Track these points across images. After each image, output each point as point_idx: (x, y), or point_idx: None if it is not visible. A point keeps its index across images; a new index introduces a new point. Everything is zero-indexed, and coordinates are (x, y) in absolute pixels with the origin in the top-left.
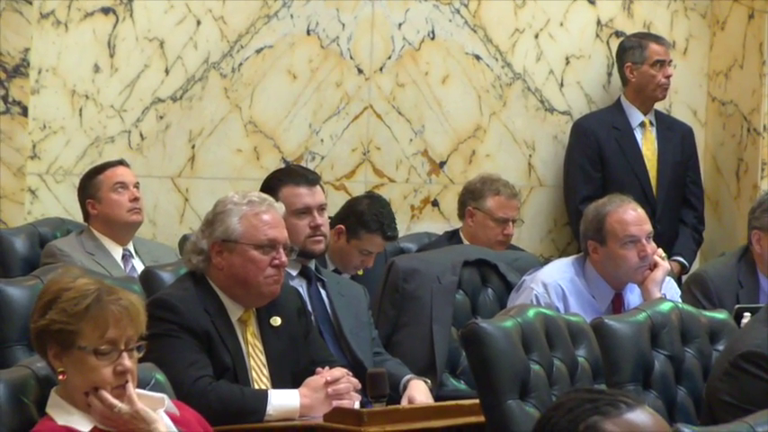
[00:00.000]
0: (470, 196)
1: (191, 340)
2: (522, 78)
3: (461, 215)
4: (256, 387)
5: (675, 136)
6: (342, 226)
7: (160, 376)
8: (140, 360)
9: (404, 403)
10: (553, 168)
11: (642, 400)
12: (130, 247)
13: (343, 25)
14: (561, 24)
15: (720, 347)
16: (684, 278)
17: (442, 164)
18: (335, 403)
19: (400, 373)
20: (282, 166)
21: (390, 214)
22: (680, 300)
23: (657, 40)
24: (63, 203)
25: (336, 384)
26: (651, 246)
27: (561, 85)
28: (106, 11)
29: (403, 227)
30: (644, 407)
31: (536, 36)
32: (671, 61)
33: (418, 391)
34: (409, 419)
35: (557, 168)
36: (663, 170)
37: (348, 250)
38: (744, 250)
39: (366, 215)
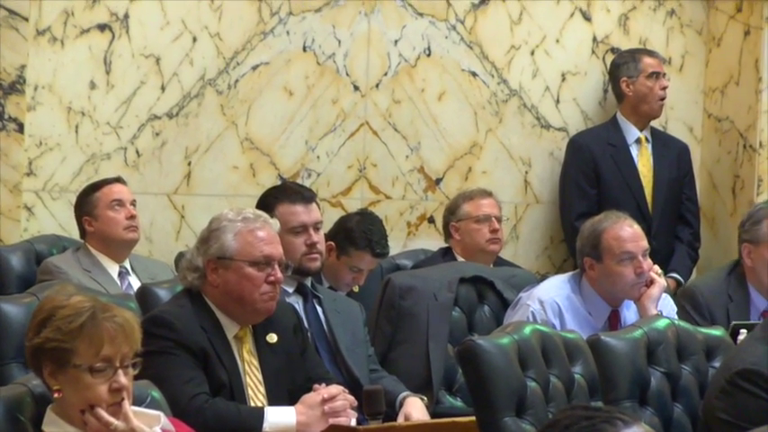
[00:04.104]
0: (449, 214)
1: (187, 357)
2: (518, 95)
3: (448, 236)
4: (252, 404)
5: (671, 152)
6: (332, 243)
7: (156, 393)
8: (136, 377)
9: (400, 420)
10: (549, 185)
11: (638, 417)
12: (127, 264)
13: (339, 42)
14: (557, 41)
15: (717, 364)
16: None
17: (439, 180)
18: (332, 420)
19: (396, 390)
20: (278, 182)
21: (380, 231)
22: (676, 316)
23: (650, 53)
24: (59, 220)
25: (333, 401)
26: (647, 262)
27: (557, 101)
28: (102, 28)
29: (399, 244)
30: (640, 424)
31: (532, 53)
32: (665, 73)
33: (414, 409)
34: None
35: (553, 185)
36: (658, 187)
37: (339, 267)
38: (734, 264)
39: (355, 232)
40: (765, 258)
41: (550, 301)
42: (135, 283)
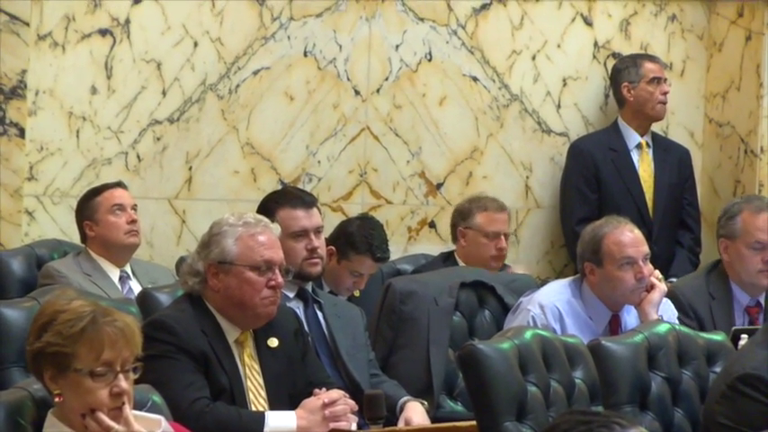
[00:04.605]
0: (460, 217)
1: (188, 362)
2: (520, 100)
3: (454, 238)
4: (253, 408)
5: (672, 158)
6: (332, 247)
7: (157, 398)
8: (137, 381)
9: (401, 425)
10: (550, 190)
11: (636, 421)
12: (128, 268)
13: (341, 47)
14: (558, 46)
15: (717, 369)
16: None
17: (439, 185)
18: (332, 425)
19: (397, 394)
20: (279, 187)
21: (381, 236)
22: (677, 321)
23: (651, 58)
24: (60, 225)
25: (333, 406)
26: (648, 267)
27: (558, 106)
28: (103, 33)
29: (400, 248)
30: (638, 428)
31: (533, 58)
32: (666, 79)
33: (415, 413)
34: None
35: (554, 190)
36: (659, 192)
37: (339, 271)
38: (715, 264)
39: (356, 236)
40: (741, 253)
41: (551, 305)
42: (136, 288)
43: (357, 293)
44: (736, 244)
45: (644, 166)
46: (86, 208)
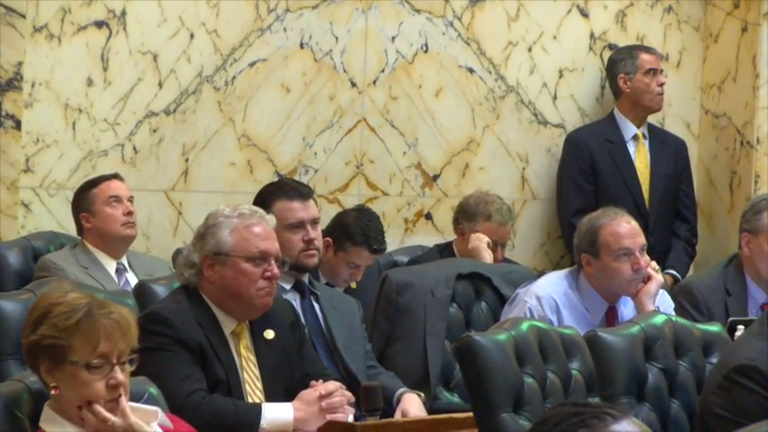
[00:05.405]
0: (463, 215)
1: (184, 354)
2: (516, 91)
3: (455, 229)
4: (250, 400)
5: (668, 149)
6: (329, 239)
7: (153, 390)
8: (134, 373)
9: (397, 417)
10: (546, 181)
11: (628, 412)
12: (124, 260)
13: (337, 38)
14: (554, 37)
15: (714, 360)
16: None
17: (436, 177)
18: (329, 417)
19: (394, 386)
20: (276, 179)
21: (377, 227)
22: (673, 312)
23: (647, 50)
24: (56, 217)
25: (330, 398)
26: (644, 258)
27: (554, 97)
28: (99, 24)
29: (396, 240)
30: (630, 418)
31: (529, 49)
32: (662, 70)
33: (412, 405)
34: None
35: (550, 181)
36: (655, 183)
37: (336, 263)
38: (730, 259)
39: (352, 228)
40: (763, 249)
41: (547, 297)
42: (132, 280)
43: (354, 285)
44: (759, 240)
45: (640, 157)
46: (83, 200)
